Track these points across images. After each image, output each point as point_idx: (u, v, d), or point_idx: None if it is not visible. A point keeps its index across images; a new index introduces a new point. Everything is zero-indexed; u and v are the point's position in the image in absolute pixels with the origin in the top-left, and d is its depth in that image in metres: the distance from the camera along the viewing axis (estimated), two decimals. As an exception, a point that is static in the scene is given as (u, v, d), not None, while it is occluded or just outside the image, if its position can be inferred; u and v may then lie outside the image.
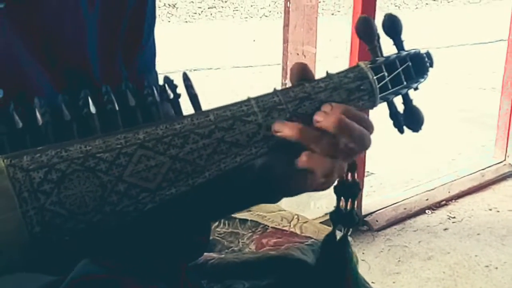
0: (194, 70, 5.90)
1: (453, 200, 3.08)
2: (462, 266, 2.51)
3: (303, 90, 0.75)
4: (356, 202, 0.83)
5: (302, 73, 0.77)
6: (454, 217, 2.92)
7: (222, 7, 9.72)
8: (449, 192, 3.10)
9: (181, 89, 0.75)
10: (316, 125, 0.73)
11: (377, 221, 2.79)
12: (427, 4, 10.85)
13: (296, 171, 0.75)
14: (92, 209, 0.67)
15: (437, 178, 3.21)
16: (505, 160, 3.42)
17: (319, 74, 0.80)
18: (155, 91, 0.73)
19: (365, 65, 0.78)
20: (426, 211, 2.96)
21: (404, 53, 0.83)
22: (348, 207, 0.82)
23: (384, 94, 0.79)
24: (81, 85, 0.74)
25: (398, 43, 0.83)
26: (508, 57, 3.36)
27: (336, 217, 0.83)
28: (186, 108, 0.75)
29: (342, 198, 0.83)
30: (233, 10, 9.67)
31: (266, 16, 9.51)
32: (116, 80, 0.83)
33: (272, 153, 0.74)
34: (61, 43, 0.84)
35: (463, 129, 4.32)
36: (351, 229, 0.84)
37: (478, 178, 3.24)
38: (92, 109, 0.70)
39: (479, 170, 3.29)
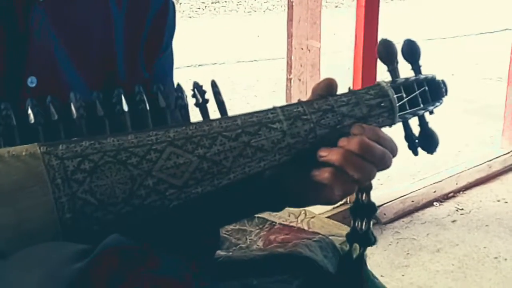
0: (199, 65, 5.90)
1: (461, 192, 3.07)
2: (471, 258, 2.50)
3: (327, 102, 0.77)
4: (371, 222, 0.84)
5: (328, 89, 0.79)
6: (462, 209, 2.91)
7: (226, 1, 9.71)
8: (456, 184, 3.09)
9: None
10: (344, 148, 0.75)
11: (385, 214, 2.78)
12: (431, -6, 10.80)
13: (309, 186, 0.76)
14: (121, 201, 0.69)
15: (445, 170, 3.20)
16: (512, 150, 3.40)
17: (323, 69, 0.81)
18: (184, 95, 0.75)
19: (386, 84, 0.81)
20: (434, 203, 2.96)
21: (422, 77, 0.85)
22: (364, 228, 0.83)
23: (402, 113, 0.81)
24: (109, 83, 0.77)
25: (416, 68, 0.86)
26: (514, 46, 3.34)
27: (353, 238, 0.84)
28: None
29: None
30: (237, 5, 9.66)
31: (270, 10, 9.49)
32: (138, 80, 0.85)
33: (284, 166, 0.76)
34: (92, 40, 0.87)
35: (470, 120, 4.30)
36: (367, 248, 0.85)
37: (486, 169, 3.23)
38: (125, 107, 0.73)
39: (487, 161, 3.28)
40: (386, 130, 0.81)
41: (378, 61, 0.86)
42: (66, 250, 0.64)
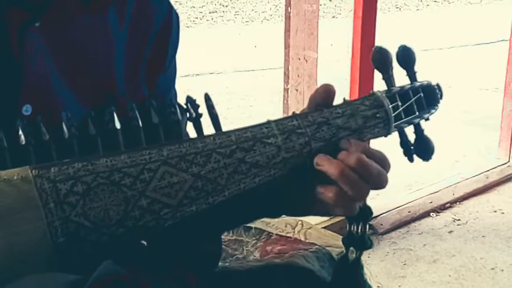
0: (196, 75, 5.90)
1: (458, 203, 3.07)
2: (468, 269, 2.49)
3: (321, 115, 0.77)
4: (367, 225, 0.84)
5: (326, 95, 0.78)
6: (459, 220, 2.91)
7: (223, 11, 9.73)
8: (453, 194, 3.09)
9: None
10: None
11: (381, 224, 2.78)
12: (428, 5, 10.84)
13: (309, 199, 0.76)
14: (115, 223, 0.69)
15: (441, 181, 3.20)
16: (509, 161, 3.40)
17: (320, 79, 0.81)
18: (178, 110, 0.75)
19: (381, 94, 0.80)
20: (431, 213, 2.95)
21: (417, 84, 0.85)
22: (360, 231, 0.83)
23: (397, 123, 0.81)
24: (107, 103, 0.75)
25: (411, 74, 0.85)
26: (510, 57, 3.35)
27: (349, 241, 0.83)
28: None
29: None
30: (234, 15, 9.68)
31: (267, 20, 9.51)
32: (139, 99, 0.85)
33: (284, 177, 0.76)
34: (90, 61, 0.86)
35: (467, 131, 4.31)
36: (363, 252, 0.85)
37: (483, 180, 3.23)
38: (117, 124, 0.72)
39: (483, 172, 3.28)
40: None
41: (375, 71, 0.85)
42: (58, 282, 0.63)
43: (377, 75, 0.86)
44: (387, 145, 0.81)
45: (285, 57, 2.50)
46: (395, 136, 0.83)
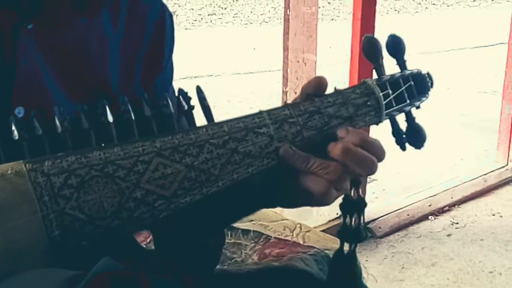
0: (195, 77, 5.91)
1: (456, 206, 3.07)
2: (466, 272, 2.49)
3: (313, 104, 0.77)
4: (362, 217, 0.83)
5: (318, 87, 0.78)
6: (457, 223, 2.91)
7: (222, 14, 9.74)
8: (451, 197, 3.09)
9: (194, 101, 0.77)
10: (329, 155, 0.75)
11: (380, 227, 2.78)
12: (426, 8, 10.86)
13: (296, 186, 0.76)
14: (110, 215, 0.69)
15: (440, 184, 3.20)
16: (507, 164, 3.41)
17: None
18: (170, 103, 0.75)
19: (372, 82, 0.80)
20: (429, 217, 2.95)
21: (407, 72, 0.85)
22: (355, 223, 0.82)
23: (388, 110, 0.81)
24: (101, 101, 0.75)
25: (401, 63, 0.85)
26: (508, 60, 3.35)
27: (344, 234, 0.83)
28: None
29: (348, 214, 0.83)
30: (233, 17, 9.69)
31: (266, 22, 9.52)
32: (134, 99, 0.85)
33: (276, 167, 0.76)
34: (84, 63, 0.86)
35: (465, 134, 4.31)
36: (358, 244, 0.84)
37: (481, 183, 3.23)
38: (110, 118, 0.72)
39: (482, 175, 3.28)
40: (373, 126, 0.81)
41: (374, 74, 0.85)
42: (57, 277, 0.63)
43: (376, 77, 0.86)
44: (387, 146, 0.80)
45: (284, 59, 2.50)
46: (387, 125, 0.83)
